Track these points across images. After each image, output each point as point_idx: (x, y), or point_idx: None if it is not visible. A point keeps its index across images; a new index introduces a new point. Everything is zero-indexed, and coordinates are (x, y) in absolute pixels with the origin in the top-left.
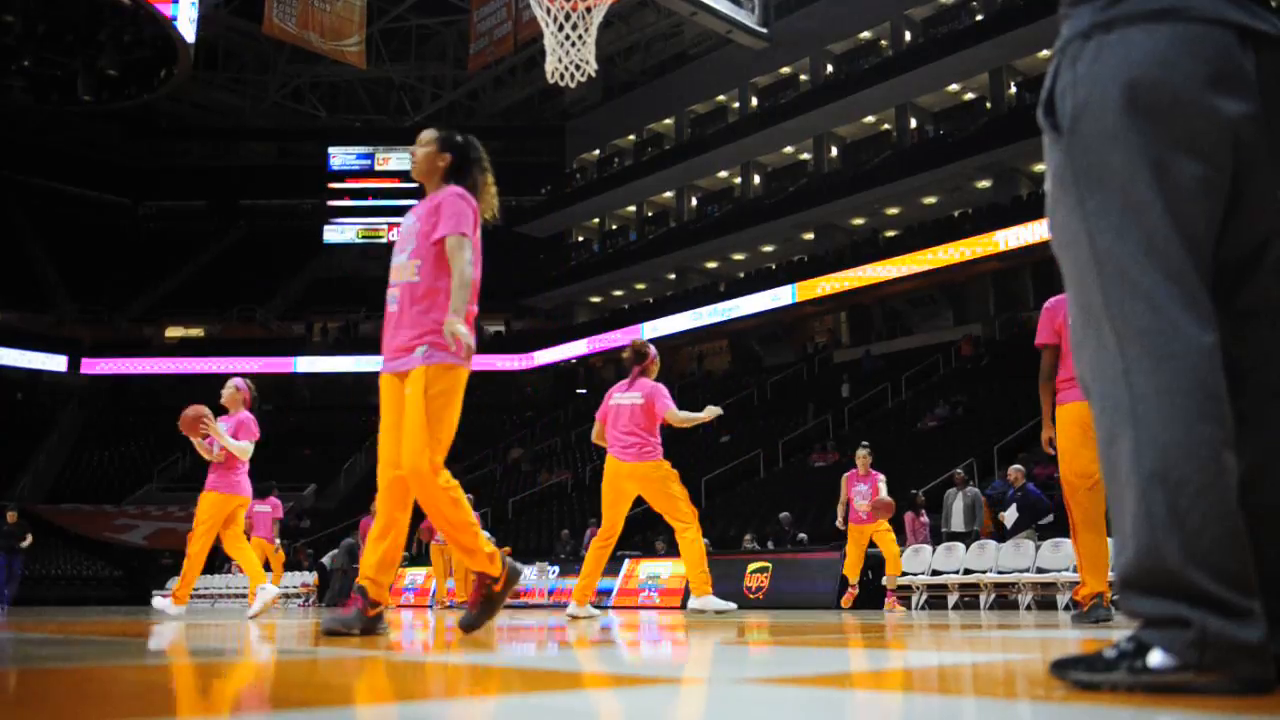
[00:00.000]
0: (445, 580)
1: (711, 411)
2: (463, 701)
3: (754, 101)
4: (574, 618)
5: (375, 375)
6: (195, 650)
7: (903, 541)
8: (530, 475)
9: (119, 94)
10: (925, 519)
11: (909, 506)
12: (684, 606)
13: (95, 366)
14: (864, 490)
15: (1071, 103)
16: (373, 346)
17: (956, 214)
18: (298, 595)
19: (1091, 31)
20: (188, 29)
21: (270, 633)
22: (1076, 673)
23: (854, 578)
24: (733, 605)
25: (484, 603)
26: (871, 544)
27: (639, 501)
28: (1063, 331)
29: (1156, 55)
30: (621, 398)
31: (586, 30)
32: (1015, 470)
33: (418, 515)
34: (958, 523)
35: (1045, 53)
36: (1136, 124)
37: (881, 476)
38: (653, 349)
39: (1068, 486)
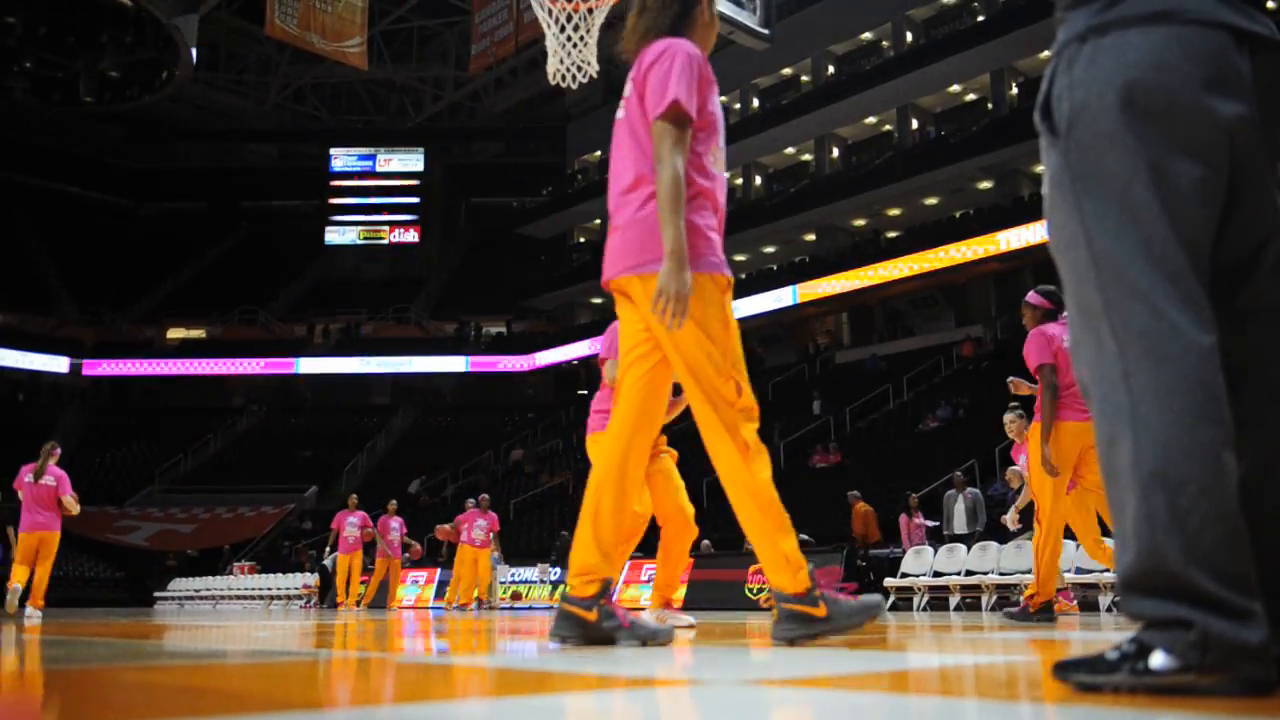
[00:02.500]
0: (460, 584)
1: None
2: (458, 703)
3: (755, 102)
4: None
5: (375, 377)
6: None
7: (899, 544)
8: (532, 476)
9: (120, 95)
10: (921, 520)
11: (905, 509)
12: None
13: (97, 368)
14: None
15: (1068, 105)
16: (374, 348)
17: (958, 215)
18: (300, 596)
19: (1088, 35)
20: (189, 30)
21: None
22: (1078, 674)
23: None
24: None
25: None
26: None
27: None
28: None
29: (1153, 58)
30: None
31: (588, 31)
32: (1014, 472)
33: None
34: (960, 524)
35: (1047, 53)
36: (1133, 126)
37: None
38: None
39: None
